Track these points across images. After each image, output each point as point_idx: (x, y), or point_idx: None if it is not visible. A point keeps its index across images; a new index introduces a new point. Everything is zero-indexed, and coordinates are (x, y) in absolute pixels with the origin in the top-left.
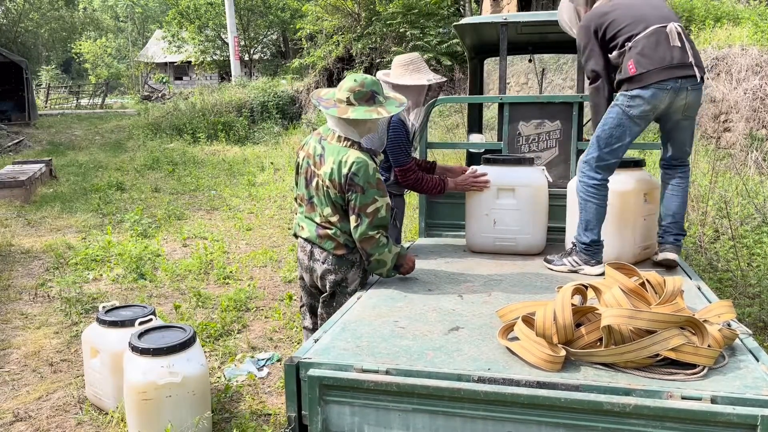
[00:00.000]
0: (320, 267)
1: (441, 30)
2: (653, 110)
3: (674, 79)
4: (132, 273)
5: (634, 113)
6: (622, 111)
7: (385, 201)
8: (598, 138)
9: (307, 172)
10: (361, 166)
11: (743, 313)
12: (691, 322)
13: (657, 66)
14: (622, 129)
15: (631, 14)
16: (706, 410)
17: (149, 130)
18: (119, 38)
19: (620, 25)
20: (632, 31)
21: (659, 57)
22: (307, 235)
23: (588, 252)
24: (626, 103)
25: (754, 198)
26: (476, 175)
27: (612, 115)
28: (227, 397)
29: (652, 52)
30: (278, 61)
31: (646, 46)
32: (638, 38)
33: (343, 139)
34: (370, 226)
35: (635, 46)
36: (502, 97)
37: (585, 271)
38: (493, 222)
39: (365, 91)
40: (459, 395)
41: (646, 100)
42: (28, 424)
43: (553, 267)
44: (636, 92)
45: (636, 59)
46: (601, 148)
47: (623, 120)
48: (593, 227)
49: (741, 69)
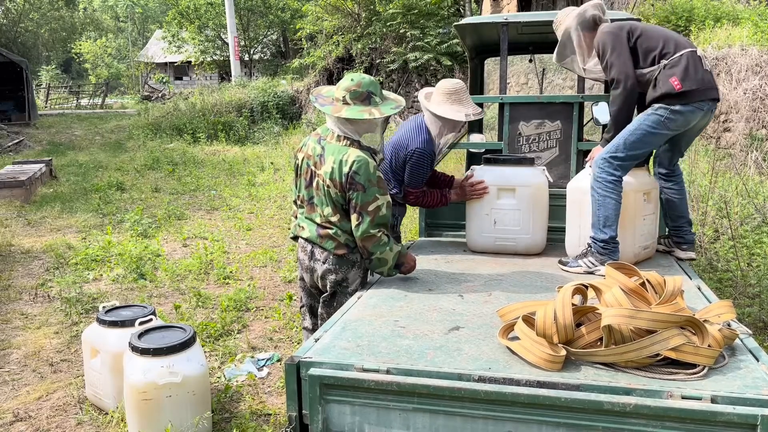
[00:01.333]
0: (321, 267)
1: (441, 30)
2: (686, 125)
3: (708, 101)
4: (132, 273)
5: (672, 126)
6: (661, 121)
7: (386, 199)
8: (626, 140)
9: (307, 172)
10: (361, 165)
11: (743, 313)
12: (692, 322)
13: (699, 87)
14: (653, 137)
15: (660, 34)
16: (707, 410)
17: (149, 130)
18: (119, 38)
19: (652, 41)
20: (666, 50)
21: (699, 78)
22: (307, 235)
23: (605, 250)
24: (666, 115)
25: (754, 198)
26: (472, 183)
27: (649, 123)
28: (227, 397)
29: (694, 72)
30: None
31: (689, 66)
32: (675, 57)
33: (342, 138)
34: (371, 224)
35: (674, 64)
36: (503, 97)
37: (601, 272)
38: (493, 222)
39: (361, 91)
40: (459, 395)
41: (685, 116)
42: (28, 424)
43: (569, 269)
44: (678, 107)
45: (681, 77)
46: (627, 149)
47: (659, 129)
48: (611, 223)
49: (741, 69)
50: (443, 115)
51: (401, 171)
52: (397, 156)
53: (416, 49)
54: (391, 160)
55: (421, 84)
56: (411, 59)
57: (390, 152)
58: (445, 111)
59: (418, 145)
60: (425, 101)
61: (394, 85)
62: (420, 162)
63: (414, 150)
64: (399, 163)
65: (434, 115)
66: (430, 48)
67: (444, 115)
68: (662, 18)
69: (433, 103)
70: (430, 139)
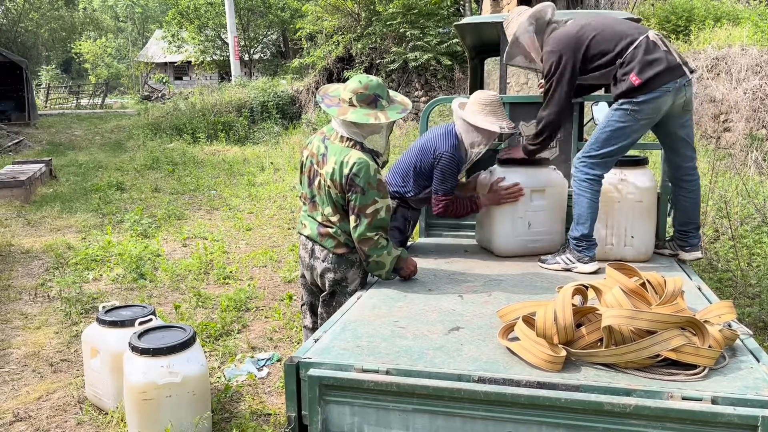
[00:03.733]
0: (320, 265)
1: (441, 30)
2: (657, 112)
3: (674, 80)
4: (132, 273)
5: (641, 116)
6: (627, 114)
7: (385, 203)
8: (597, 137)
9: (310, 170)
10: (362, 167)
11: (743, 313)
12: (692, 322)
13: (658, 70)
14: (624, 130)
15: (609, 33)
16: (707, 411)
17: (149, 130)
18: (119, 38)
19: (604, 43)
20: (620, 47)
21: (657, 63)
22: (308, 232)
23: (579, 247)
24: (632, 107)
25: (754, 198)
26: (507, 187)
27: (616, 118)
28: (227, 397)
29: (648, 61)
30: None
31: (642, 56)
32: (629, 53)
33: (345, 139)
34: (369, 227)
35: (630, 59)
36: (503, 96)
37: (578, 269)
38: (528, 225)
39: (368, 94)
40: (459, 395)
41: (653, 103)
42: (28, 424)
43: (547, 266)
44: (642, 98)
45: (638, 70)
46: (600, 147)
47: (629, 123)
48: (584, 221)
49: (741, 69)
50: (477, 124)
51: (425, 175)
52: (423, 159)
53: (416, 48)
54: (416, 162)
55: (421, 84)
56: (411, 59)
57: (415, 155)
58: (479, 121)
59: (447, 149)
60: (459, 110)
61: (394, 85)
62: (449, 165)
63: (442, 153)
64: (424, 166)
65: (468, 124)
66: (430, 48)
67: (478, 124)
68: (662, 18)
69: (468, 113)
70: (458, 145)
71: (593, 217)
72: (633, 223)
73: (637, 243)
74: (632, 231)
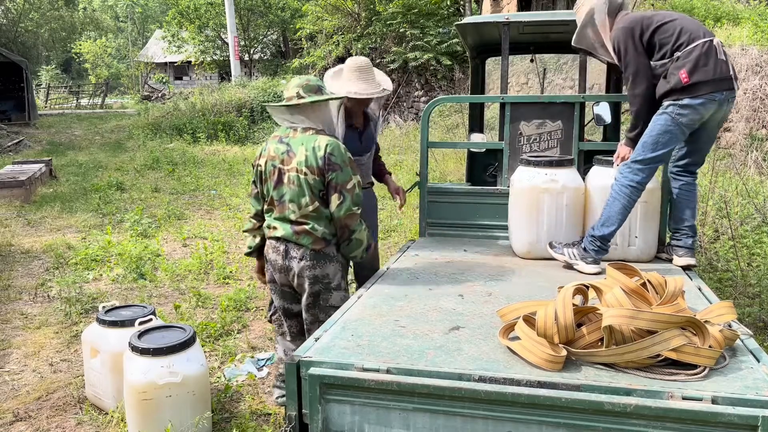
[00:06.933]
0: (297, 264)
1: (441, 30)
2: (700, 120)
3: (721, 91)
4: (132, 273)
5: (683, 121)
6: (671, 119)
7: (357, 179)
8: (644, 143)
9: (274, 173)
10: (334, 147)
11: (743, 313)
12: (692, 322)
13: (709, 78)
14: (668, 136)
15: (676, 26)
16: (707, 411)
17: (149, 130)
18: (119, 38)
19: (668, 33)
20: (680, 41)
21: (710, 69)
22: (281, 234)
23: (593, 246)
24: (676, 111)
25: (754, 198)
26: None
27: (660, 122)
28: (227, 397)
29: (704, 64)
30: (278, 61)
31: (699, 57)
32: (687, 49)
33: (307, 129)
34: (352, 202)
35: (685, 56)
36: (504, 96)
37: (578, 267)
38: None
39: (312, 85)
40: (460, 395)
41: (696, 110)
42: (28, 424)
43: (553, 253)
44: (687, 101)
45: (690, 69)
46: (646, 152)
47: (671, 127)
48: (610, 225)
49: (741, 69)
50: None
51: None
52: None
53: (416, 48)
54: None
55: (421, 84)
56: (411, 59)
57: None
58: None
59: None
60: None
61: (394, 85)
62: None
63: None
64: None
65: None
66: (430, 48)
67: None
68: None
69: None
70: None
71: (620, 224)
72: (637, 223)
73: (641, 243)
74: (636, 231)
